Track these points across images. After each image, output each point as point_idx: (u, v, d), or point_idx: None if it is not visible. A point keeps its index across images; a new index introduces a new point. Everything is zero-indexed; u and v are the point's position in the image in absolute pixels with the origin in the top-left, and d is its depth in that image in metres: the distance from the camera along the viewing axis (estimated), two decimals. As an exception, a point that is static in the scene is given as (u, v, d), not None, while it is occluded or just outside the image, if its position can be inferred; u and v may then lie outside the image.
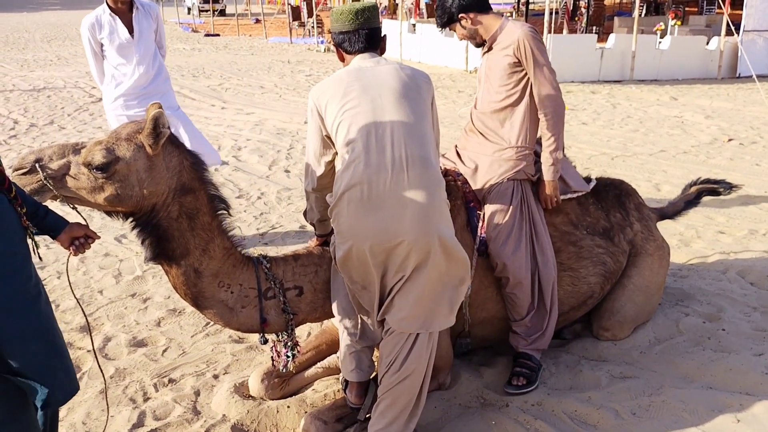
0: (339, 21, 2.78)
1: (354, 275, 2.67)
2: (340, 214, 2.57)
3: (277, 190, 6.53)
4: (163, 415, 3.16)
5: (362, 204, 2.51)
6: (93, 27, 4.76)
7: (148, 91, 4.92)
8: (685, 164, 7.39)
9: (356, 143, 2.52)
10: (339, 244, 2.63)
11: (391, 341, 2.69)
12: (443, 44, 16.42)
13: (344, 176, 2.53)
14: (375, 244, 2.52)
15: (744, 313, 3.89)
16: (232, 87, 13.08)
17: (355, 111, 2.56)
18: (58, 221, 2.35)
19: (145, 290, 4.48)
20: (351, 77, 2.66)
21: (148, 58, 4.87)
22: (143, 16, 4.83)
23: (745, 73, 13.91)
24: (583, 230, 3.48)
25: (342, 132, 2.56)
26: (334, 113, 2.59)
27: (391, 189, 2.50)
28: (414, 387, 2.72)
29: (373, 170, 2.50)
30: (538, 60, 3.17)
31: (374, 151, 2.51)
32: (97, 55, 4.86)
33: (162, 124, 2.49)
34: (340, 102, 2.59)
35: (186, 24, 30.40)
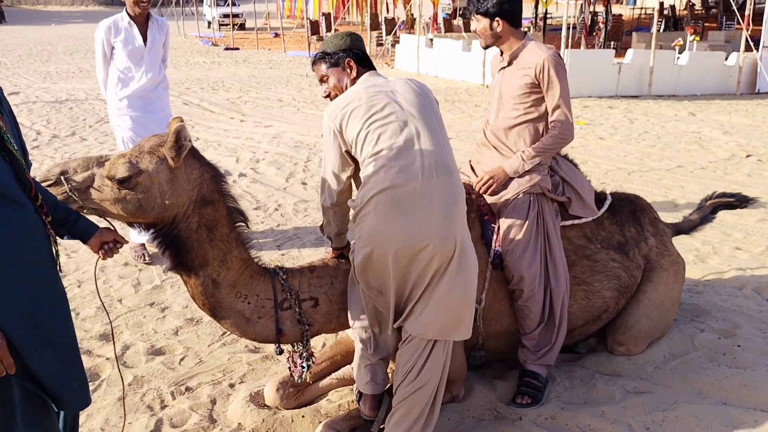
0: (344, 41, 2.95)
1: (371, 280, 2.69)
2: (366, 218, 2.60)
3: (294, 202, 6.60)
4: (179, 423, 3.20)
5: (392, 207, 2.55)
6: (110, 30, 5.04)
7: (150, 96, 5.20)
8: (702, 180, 7.37)
9: (387, 151, 2.58)
10: (359, 249, 2.66)
11: (409, 350, 2.72)
12: (460, 59, 16.50)
13: (373, 180, 2.57)
14: (401, 248, 2.56)
15: (760, 330, 3.87)
16: (251, 100, 13.22)
17: (383, 122, 2.64)
18: (88, 226, 2.42)
19: (163, 299, 4.55)
20: (370, 92, 2.73)
21: (155, 67, 5.17)
22: (157, 29, 5.15)
23: (764, 89, 13.85)
24: (597, 244, 3.49)
25: (370, 142, 2.61)
26: (359, 126, 2.64)
27: (421, 194, 2.57)
28: (428, 396, 2.75)
29: (404, 175, 2.56)
30: (555, 89, 3.24)
31: (404, 158, 2.58)
32: (106, 57, 5.11)
33: (184, 137, 2.55)
34: (365, 115, 2.65)
35: (206, 38, 30.74)
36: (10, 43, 27.90)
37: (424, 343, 2.71)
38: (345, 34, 2.99)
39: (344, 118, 2.67)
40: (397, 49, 20.04)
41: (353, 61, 2.91)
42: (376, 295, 2.74)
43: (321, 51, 2.97)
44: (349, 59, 2.91)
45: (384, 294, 2.70)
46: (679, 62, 14.41)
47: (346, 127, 2.68)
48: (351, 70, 2.91)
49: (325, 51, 2.95)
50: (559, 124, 3.28)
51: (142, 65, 5.10)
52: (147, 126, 5.14)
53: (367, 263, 2.65)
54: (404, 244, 2.56)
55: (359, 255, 2.66)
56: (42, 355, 2.09)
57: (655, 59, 13.83)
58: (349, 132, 2.67)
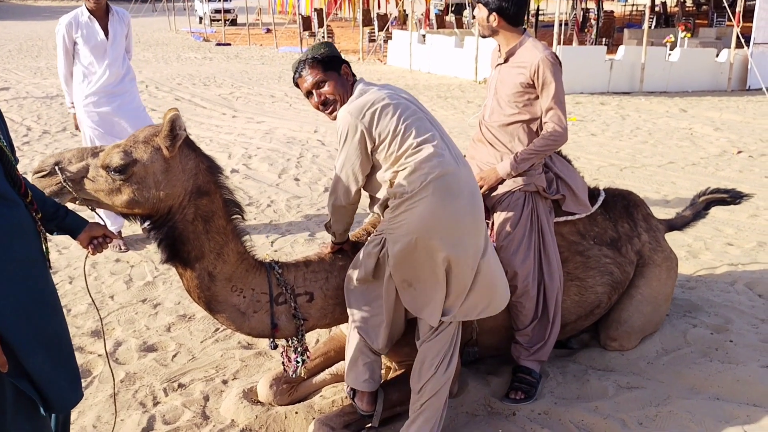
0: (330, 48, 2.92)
1: (407, 272, 2.71)
2: (420, 203, 2.60)
3: (287, 198, 6.58)
4: (172, 420, 3.19)
5: (448, 192, 2.61)
6: (70, 25, 5.02)
7: (116, 91, 5.18)
8: (693, 176, 7.40)
9: (430, 141, 2.65)
10: (399, 237, 2.66)
11: (441, 340, 2.79)
12: (453, 55, 16.49)
13: (428, 166, 2.60)
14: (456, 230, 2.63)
15: (752, 325, 3.89)
16: (243, 96, 13.17)
17: (415, 117, 2.70)
18: (78, 221, 2.40)
19: (155, 296, 4.52)
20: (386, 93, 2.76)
21: (118, 60, 5.16)
22: (118, 21, 5.12)
23: (755, 86, 13.92)
24: (590, 240, 3.50)
25: (411, 134, 2.65)
26: (395, 122, 2.66)
27: (465, 181, 2.69)
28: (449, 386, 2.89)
29: (452, 163, 2.66)
30: (550, 90, 3.22)
31: (444, 147, 2.68)
32: (68, 52, 5.09)
33: (179, 126, 2.53)
34: (396, 111, 2.67)
35: (197, 33, 30.60)
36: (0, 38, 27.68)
37: (455, 329, 2.81)
38: (326, 43, 2.95)
39: (374, 116, 2.66)
40: (390, 46, 20.02)
41: (347, 67, 2.89)
42: (406, 288, 2.74)
43: (311, 56, 2.85)
44: (345, 65, 2.88)
45: (415, 286, 2.72)
46: (670, 59, 14.46)
47: (377, 124, 2.66)
48: (348, 76, 2.88)
49: (317, 57, 2.84)
50: (551, 125, 3.25)
51: (105, 59, 5.09)
52: (115, 122, 5.14)
53: (407, 252, 2.66)
54: (457, 228, 2.63)
55: (398, 244, 2.66)
56: (34, 354, 2.07)
57: (646, 56, 13.87)
58: (381, 128, 2.66)
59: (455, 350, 2.85)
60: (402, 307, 2.84)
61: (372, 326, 2.87)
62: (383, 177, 2.72)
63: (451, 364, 2.83)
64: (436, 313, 2.72)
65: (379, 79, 15.15)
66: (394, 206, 2.66)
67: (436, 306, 2.71)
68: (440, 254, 2.62)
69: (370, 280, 2.83)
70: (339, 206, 2.86)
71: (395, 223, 2.66)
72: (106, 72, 5.09)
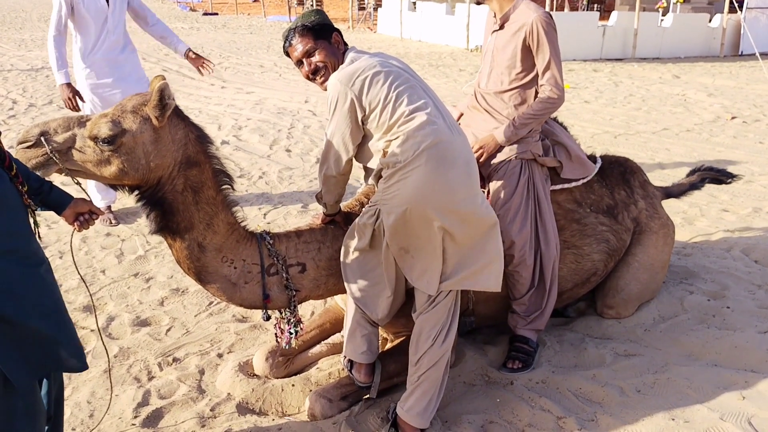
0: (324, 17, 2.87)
1: (402, 240, 2.66)
2: (413, 173, 2.54)
3: (279, 170, 6.50)
4: (167, 394, 3.16)
5: (442, 161, 2.55)
6: None
7: (119, 60, 5.07)
8: (688, 142, 7.36)
9: (422, 109, 2.59)
10: (393, 208, 2.60)
11: (438, 311, 2.74)
12: (444, 23, 16.30)
13: (420, 134, 2.54)
14: (450, 199, 2.57)
15: (749, 291, 3.88)
16: (232, 66, 13.00)
17: (407, 84, 2.64)
18: (62, 197, 2.33)
19: (147, 270, 4.47)
20: (377, 60, 2.71)
21: (119, 28, 5.04)
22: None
23: (747, 51, 13.85)
24: (587, 208, 3.46)
25: (402, 102, 2.59)
26: (386, 90, 2.60)
27: (460, 149, 2.63)
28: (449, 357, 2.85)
29: (446, 131, 2.60)
30: (545, 51, 3.15)
31: (437, 116, 2.62)
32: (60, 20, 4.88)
33: (168, 95, 2.46)
34: (387, 79, 2.62)
35: (184, 3, 30.13)
36: (-18, 10, 27.16)
37: (452, 301, 2.76)
38: (317, 10, 2.89)
39: (364, 84, 2.60)
40: (380, 13, 19.76)
41: (338, 35, 2.85)
42: (403, 255, 2.70)
43: (302, 24, 2.80)
44: (336, 33, 2.83)
45: (412, 254, 2.68)
46: (663, 24, 14.34)
47: (367, 92, 2.60)
48: (339, 45, 2.83)
49: (307, 25, 2.79)
50: (548, 88, 3.20)
51: (105, 27, 4.95)
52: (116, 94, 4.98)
53: (402, 222, 2.61)
54: (451, 197, 2.58)
55: (393, 215, 2.61)
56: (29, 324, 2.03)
57: (639, 22, 13.74)
58: (371, 97, 2.60)
59: (453, 322, 2.82)
60: (403, 277, 2.80)
61: (371, 297, 2.83)
62: (376, 146, 2.67)
63: (449, 336, 2.80)
64: (433, 282, 2.68)
65: (369, 48, 14.96)
66: (387, 176, 2.61)
67: (434, 275, 2.67)
68: (436, 223, 2.58)
69: (366, 250, 2.78)
70: (330, 176, 2.81)
71: (389, 193, 2.61)
72: (106, 40, 4.96)
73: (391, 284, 2.80)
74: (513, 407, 2.95)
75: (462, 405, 2.99)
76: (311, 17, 2.81)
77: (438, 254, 2.64)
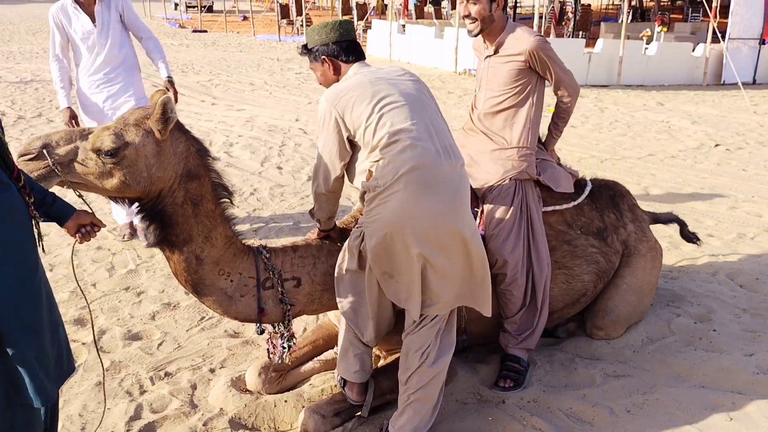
0: (325, 33, 2.84)
1: (385, 264, 2.65)
2: (392, 198, 2.53)
3: (270, 187, 6.53)
4: (160, 408, 3.16)
5: (422, 187, 2.52)
6: (58, 15, 4.83)
7: (111, 80, 4.94)
8: (672, 168, 7.48)
9: (407, 132, 2.55)
10: (374, 232, 2.59)
11: (422, 336, 2.74)
12: (433, 45, 16.46)
13: (401, 159, 2.52)
14: (430, 227, 2.55)
15: (734, 315, 3.95)
16: (222, 83, 13.03)
17: (393, 106, 2.60)
18: (65, 208, 2.34)
19: (138, 284, 4.46)
20: (370, 77, 2.71)
21: (113, 48, 4.90)
22: (105, 7, 4.86)
23: (730, 80, 14.10)
24: (577, 230, 3.52)
25: (385, 123, 2.57)
26: (368, 110, 2.59)
27: (445, 175, 2.58)
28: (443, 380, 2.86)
29: (430, 156, 2.55)
30: (554, 65, 3.30)
31: (425, 139, 2.57)
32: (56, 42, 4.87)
33: (170, 109, 2.49)
34: (372, 99, 2.61)
35: (173, 20, 30.18)
36: (-31, 22, 27.03)
37: (439, 324, 2.76)
38: (326, 26, 2.86)
39: (348, 104, 2.62)
40: (369, 35, 19.93)
41: (329, 59, 2.84)
42: (387, 279, 2.69)
43: (302, 45, 2.91)
44: (324, 57, 2.84)
45: (396, 278, 2.66)
46: (647, 53, 14.59)
47: (351, 112, 2.62)
48: (330, 68, 2.85)
49: (306, 46, 2.89)
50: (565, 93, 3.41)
51: (94, 49, 4.88)
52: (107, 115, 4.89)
53: (383, 247, 2.59)
54: (431, 224, 2.55)
55: (374, 239, 2.60)
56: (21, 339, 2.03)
57: (624, 49, 13.98)
58: (354, 117, 2.61)
59: (444, 343, 2.81)
60: (387, 300, 2.79)
61: (361, 317, 2.85)
62: (362, 167, 2.68)
63: (442, 357, 2.79)
64: (416, 308, 2.68)
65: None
66: (368, 200, 2.62)
67: (416, 300, 2.66)
68: (414, 250, 2.56)
69: (356, 271, 2.80)
70: (320, 193, 2.85)
71: (370, 217, 2.62)
72: (96, 61, 4.89)
73: (372, 308, 2.80)
74: (505, 426, 2.98)
75: (454, 423, 3.01)
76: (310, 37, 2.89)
77: (417, 281, 2.62)
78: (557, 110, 3.51)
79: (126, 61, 5.02)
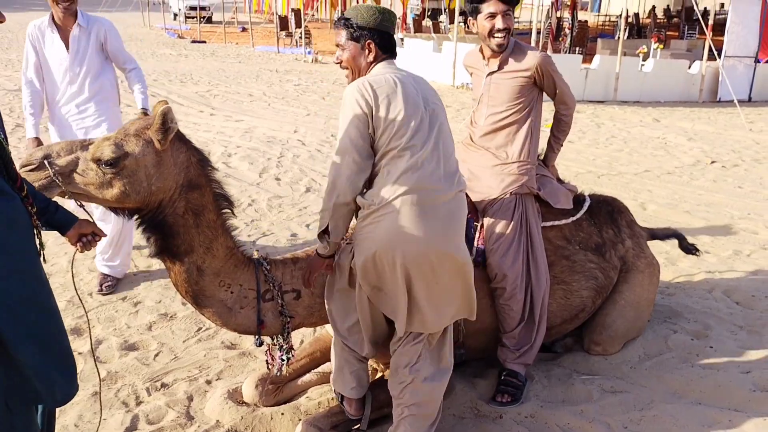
0: (377, 17, 2.67)
1: (373, 280, 2.62)
2: (385, 218, 2.48)
3: (268, 198, 6.53)
4: (156, 420, 3.14)
5: (417, 210, 2.47)
6: (34, 34, 4.35)
7: (82, 111, 4.45)
8: (669, 185, 7.51)
9: (420, 149, 2.49)
10: (363, 250, 2.57)
11: (408, 352, 2.72)
12: (431, 59, 16.54)
13: (403, 178, 2.46)
14: (422, 251, 2.50)
15: (731, 332, 3.96)
16: (221, 94, 13.05)
17: (418, 117, 2.52)
18: (67, 217, 2.35)
19: (135, 294, 4.45)
20: (400, 77, 2.60)
21: (87, 78, 4.42)
22: (83, 33, 4.35)
23: (725, 98, 14.19)
24: (576, 245, 3.53)
25: (404, 133, 2.48)
26: (395, 112, 2.49)
27: (444, 201, 2.54)
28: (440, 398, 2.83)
29: (434, 180, 2.51)
30: (557, 79, 3.36)
31: (434, 160, 2.52)
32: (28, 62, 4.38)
33: (170, 119, 2.51)
34: (403, 103, 2.51)
35: (172, 30, 30.26)
36: (-32, 29, 27.05)
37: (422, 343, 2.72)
38: (378, 9, 2.69)
39: (381, 97, 2.49)
40: (367, 48, 19.99)
41: (374, 45, 2.67)
42: (377, 293, 2.66)
43: (345, 17, 2.70)
44: (370, 41, 2.66)
45: (385, 291, 2.63)
46: (644, 69, 14.68)
47: (381, 106, 2.49)
48: (369, 54, 2.68)
49: (350, 20, 2.68)
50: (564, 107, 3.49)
51: (66, 76, 4.38)
52: None
53: (371, 264, 2.57)
54: (424, 249, 2.50)
55: (362, 256, 2.57)
56: (25, 346, 2.03)
57: (621, 66, 14.06)
58: (383, 112, 2.48)
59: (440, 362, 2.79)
60: (379, 314, 2.77)
61: (355, 335, 2.84)
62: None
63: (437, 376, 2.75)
64: (401, 325, 2.67)
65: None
66: (362, 216, 2.57)
67: (402, 317, 2.64)
68: (401, 270, 2.52)
69: (347, 289, 2.78)
70: (339, 205, 2.55)
71: (362, 234, 2.58)
72: (68, 90, 4.41)
73: (365, 324, 2.78)
74: (502, 441, 2.97)
75: (452, 437, 3.00)
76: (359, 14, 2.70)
77: (403, 299, 2.60)
78: (558, 124, 3.55)
79: (101, 92, 4.49)
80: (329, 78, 16.13)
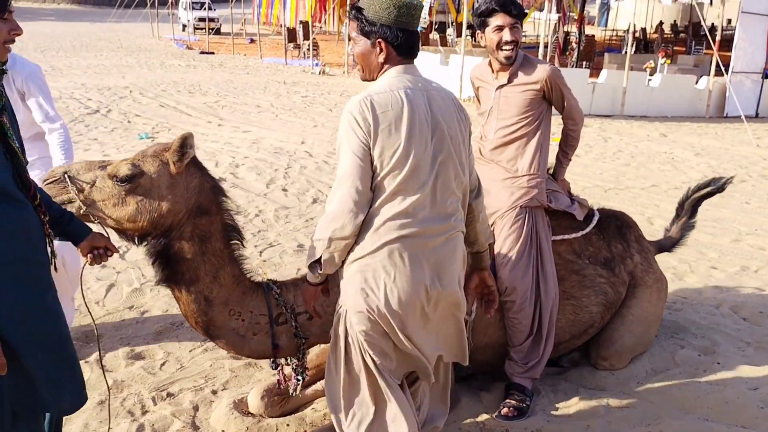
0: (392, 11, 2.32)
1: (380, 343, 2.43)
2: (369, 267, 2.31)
3: (275, 209, 6.55)
4: (161, 429, 3.14)
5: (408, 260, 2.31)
6: None
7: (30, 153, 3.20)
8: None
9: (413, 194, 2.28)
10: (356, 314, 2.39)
11: None
12: (438, 72, 16.59)
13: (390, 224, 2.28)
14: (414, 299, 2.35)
15: (738, 348, 3.94)
16: (229, 105, 13.12)
17: (417, 154, 2.28)
18: (82, 228, 2.38)
19: (142, 303, 4.47)
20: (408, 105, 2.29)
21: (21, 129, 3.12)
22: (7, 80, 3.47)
23: (732, 113, 14.18)
24: (585, 259, 3.53)
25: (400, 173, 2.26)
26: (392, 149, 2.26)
27: (435, 245, 2.36)
28: None
29: (426, 224, 2.32)
30: (566, 92, 3.37)
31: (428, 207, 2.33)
32: None
33: (189, 144, 2.60)
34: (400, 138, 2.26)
35: (180, 41, 30.46)
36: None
37: None
38: (394, 3, 2.31)
39: (383, 126, 2.25)
40: (375, 60, 20.06)
41: (385, 44, 2.35)
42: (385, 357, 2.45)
43: (358, 6, 2.38)
44: (380, 40, 2.35)
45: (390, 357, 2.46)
46: (651, 84, 14.70)
47: (381, 136, 2.25)
48: (381, 53, 2.37)
49: (362, 11, 2.36)
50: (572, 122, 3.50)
51: None
52: None
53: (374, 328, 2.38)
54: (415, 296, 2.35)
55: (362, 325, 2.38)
56: (35, 356, 2.04)
57: (628, 80, 14.09)
58: (380, 146, 2.25)
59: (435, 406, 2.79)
60: None
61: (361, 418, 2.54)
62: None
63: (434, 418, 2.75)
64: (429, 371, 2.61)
65: (364, 93, 15.17)
66: (348, 262, 2.38)
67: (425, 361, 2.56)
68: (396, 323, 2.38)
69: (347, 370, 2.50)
70: (338, 239, 2.30)
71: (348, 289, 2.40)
72: None
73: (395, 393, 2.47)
74: (509, 455, 2.96)
75: (458, 451, 2.99)
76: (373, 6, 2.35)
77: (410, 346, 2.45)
78: (566, 139, 3.56)
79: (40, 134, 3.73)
80: (336, 90, 16.20)
